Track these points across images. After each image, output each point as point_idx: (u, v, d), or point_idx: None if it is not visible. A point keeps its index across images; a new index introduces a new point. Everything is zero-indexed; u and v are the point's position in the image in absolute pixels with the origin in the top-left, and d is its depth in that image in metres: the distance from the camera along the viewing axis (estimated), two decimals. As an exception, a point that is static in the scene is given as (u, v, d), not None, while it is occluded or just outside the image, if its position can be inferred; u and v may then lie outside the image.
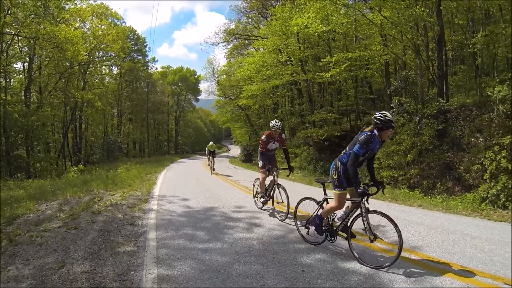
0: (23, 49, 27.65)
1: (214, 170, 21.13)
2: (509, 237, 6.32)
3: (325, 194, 5.88)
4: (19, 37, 23.90)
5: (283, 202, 8.01)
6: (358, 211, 5.16)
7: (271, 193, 8.45)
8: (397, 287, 4.26)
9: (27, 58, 27.42)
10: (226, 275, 4.65)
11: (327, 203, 5.77)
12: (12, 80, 29.11)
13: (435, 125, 13.57)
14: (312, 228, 6.02)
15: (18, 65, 29.40)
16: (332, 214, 5.68)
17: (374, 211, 5.07)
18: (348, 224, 5.34)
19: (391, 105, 16.45)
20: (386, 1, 15.82)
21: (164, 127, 66.04)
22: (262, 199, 8.86)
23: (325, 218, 5.70)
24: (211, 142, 22.86)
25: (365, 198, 5.06)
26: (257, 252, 5.59)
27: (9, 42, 24.69)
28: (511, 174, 10.06)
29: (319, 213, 5.80)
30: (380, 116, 4.99)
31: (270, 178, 8.67)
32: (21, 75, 29.18)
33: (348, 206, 5.57)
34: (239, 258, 5.33)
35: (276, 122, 8.44)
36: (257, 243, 6.12)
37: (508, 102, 11.94)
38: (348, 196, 5.48)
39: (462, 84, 18.80)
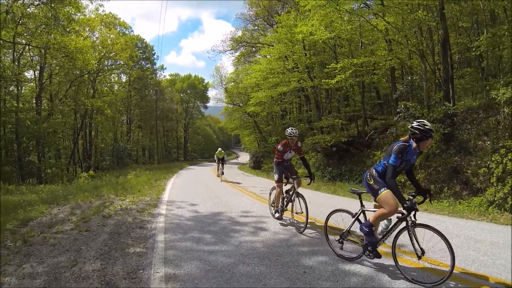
0: (34, 57, 28.19)
1: (223, 175, 20.52)
2: (513, 240, 6.30)
3: (362, 205, 5.38)
4: (30, 47, 24.34)
5: (302, 212, 7.44)
6: (402, 225, 4.77)
7: (290, 202, 7.87)
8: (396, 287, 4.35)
9: (38, 67, 27.98)
10: (230, 275, 4.82)
11: (364, 216, 5.31)
12: (24, 88, 29.63)
13: (441, 129, 13.54)
14: (347, 244, 5.57)
15: (29, 73, 30.06)
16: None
17: (421, 225, 4.59)
18: (387, 241, 4.97)
19: (397, 110, 16.52)
20: (388, 7, 15.97)
21: (173, 134, 66.45)
22: (277, 214, 8.20)
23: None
24: (219, 149, 21.95)
25: (413, 212, 4.55)
26: (261, 254, 5.75)
27: (20, 52, 25.24)
28: (518, 176, 10.03)
29: (368, 220, 5.14)
30: (418, 125, 4.57)
31: (286, 186, 8.26)
32: (32, 83, 29.74)
33: (390, 219, 5.15)
34: (243, 259, 5.49)
35: (292, 129, 7.87)
36: (262, 245, 6.29)
37: (513, 104, 11.99)
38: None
39: (469, 87, 18.74)
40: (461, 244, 6.11)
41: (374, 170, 5.04)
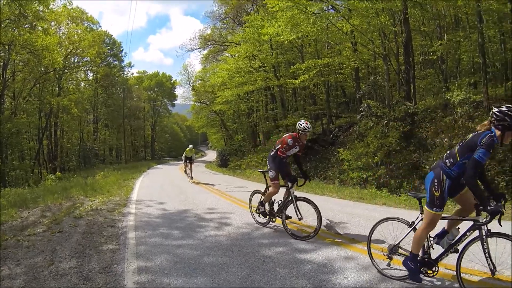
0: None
1: (192, 178, 18.72)
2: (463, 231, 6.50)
3: (422, 212, 4.42)
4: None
5: (301, 218, 6.66)
6: (474, 234, 3.97)
7: (284, 208, 6.94)
8: (346, 274, 4.80)
9: (1, 63, 27.21)
10: (197, 265, 5.30)
11: None
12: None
13: (401, 127, 14.31)
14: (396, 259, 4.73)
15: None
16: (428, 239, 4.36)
17: (499, 234, 3.79)
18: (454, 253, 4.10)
19: (361, 109, 17.26)
20: (353, 12, 16.64)
21: (141, 133, 65.60)
22: (266, 217, 7.47)
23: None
24: (190, 146, 20.15)
25: (497, 217, 3.72)
26: (224, 247, 6.22)
27: (-17, 48, 24.54)
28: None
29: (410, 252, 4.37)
30: (509, 111, 3.67)
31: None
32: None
33: (458, 228, 4.39)
34: (208, 252, 5.97)
35: (306, 123, 6.78)
36: (225, 239, 6.77)
37: (466, 105, 12.92)
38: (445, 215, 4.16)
39: (431, 87, 19.66)
40: (410, 233, 6.57)
41: (445, 176, 4.08)
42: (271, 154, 7.30)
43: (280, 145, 7.05)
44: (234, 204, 10.82)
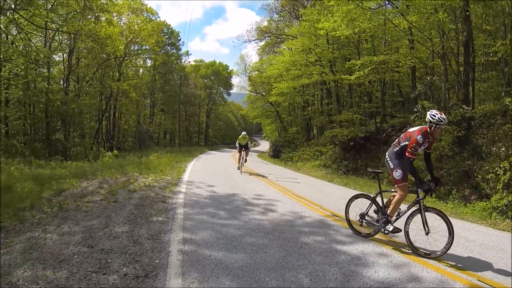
0: (64, 41, 29.16)
1: (246, 161, 17.78)
2: (505, 244, 6.23)
3: None
4: (61, 31, 25.25)
5: (429, 232, 5.49)
6: None
7: (409, 220, 5.62)
8: (377, 269, 4.85)
9: (67, 50, 29.06)
10: (238, 242, 5.63)
11: None
12: (52, 69, 30.74)
13: (456, 132, 13.67)
14: None
15: (57, 56, 30.98)
16: None
17: None
18: None
19: (415, 109, 16.77)
20: (410, 8, 16.11)
21: (195, 119, 66.84)
22: (390, 227, 5.89)
23: None
24: (243, 133, 18.13)
25: None
26: (266, 230, 6.51)
27: (52, 36, 26.30)
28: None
29: None
30: None
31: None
32: (60, 65, 30.84)
33: None
34: (250, 232, 6.28)
35: (441, 114, 5.34)
36: (268, 223, 7.03)
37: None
38: None
39: (492, 91, 18.57)
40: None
41: None
42: (394, 150, 5.91)
43: (407, 143, 5.62)
44: (281, 193, 11.04)
